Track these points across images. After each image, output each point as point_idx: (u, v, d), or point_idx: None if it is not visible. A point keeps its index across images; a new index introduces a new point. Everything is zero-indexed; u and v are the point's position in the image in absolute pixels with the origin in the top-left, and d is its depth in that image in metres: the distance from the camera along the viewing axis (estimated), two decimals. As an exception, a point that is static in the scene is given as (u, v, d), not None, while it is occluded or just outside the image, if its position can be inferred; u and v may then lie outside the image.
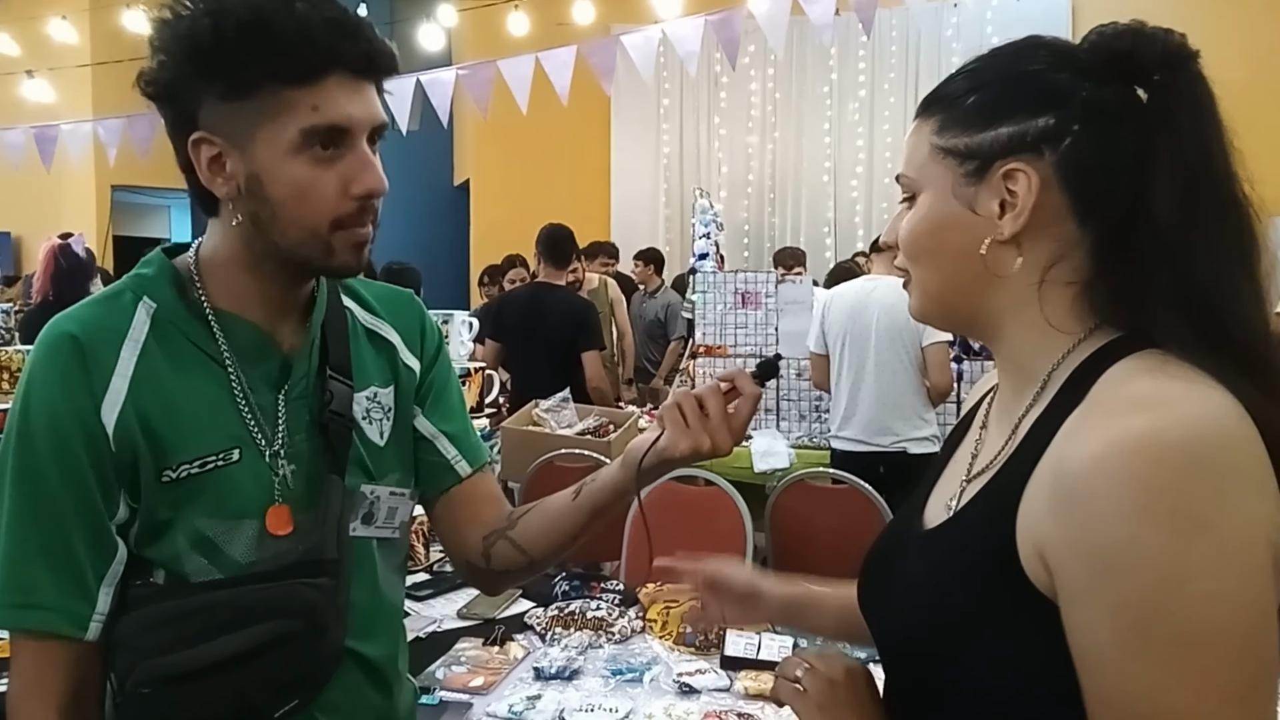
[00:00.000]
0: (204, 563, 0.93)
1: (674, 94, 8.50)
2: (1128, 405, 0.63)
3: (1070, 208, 0.71)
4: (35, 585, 0.88)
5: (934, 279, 0.77)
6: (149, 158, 5.68)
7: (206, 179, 0.91)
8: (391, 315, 1.11)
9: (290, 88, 0.86)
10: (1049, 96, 0.71)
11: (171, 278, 0.96)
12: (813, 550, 2.85)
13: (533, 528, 1.10)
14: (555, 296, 4.13)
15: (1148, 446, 0.60)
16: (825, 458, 3.66)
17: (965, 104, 0.74)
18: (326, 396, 0.99)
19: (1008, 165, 0.71)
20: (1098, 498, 0.60)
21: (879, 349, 3.47)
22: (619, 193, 8.61)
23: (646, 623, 2.15)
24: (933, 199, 0.75)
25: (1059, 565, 0.63)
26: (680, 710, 1.74)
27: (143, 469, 0.90)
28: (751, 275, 4.44)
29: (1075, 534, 0.62)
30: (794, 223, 8.30)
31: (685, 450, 0.98)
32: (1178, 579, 0.58)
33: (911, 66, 7.89)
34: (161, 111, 0.92)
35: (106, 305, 0.94)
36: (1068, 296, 0.72)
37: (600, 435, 3.61)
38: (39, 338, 0.92)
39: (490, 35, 6.56)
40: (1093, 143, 0.70)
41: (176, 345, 0.94)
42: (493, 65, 4.82)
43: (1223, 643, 0.59)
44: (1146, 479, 0.59)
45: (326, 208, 0.89)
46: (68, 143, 6.21)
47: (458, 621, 2.20)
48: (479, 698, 1.80)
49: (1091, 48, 0.72)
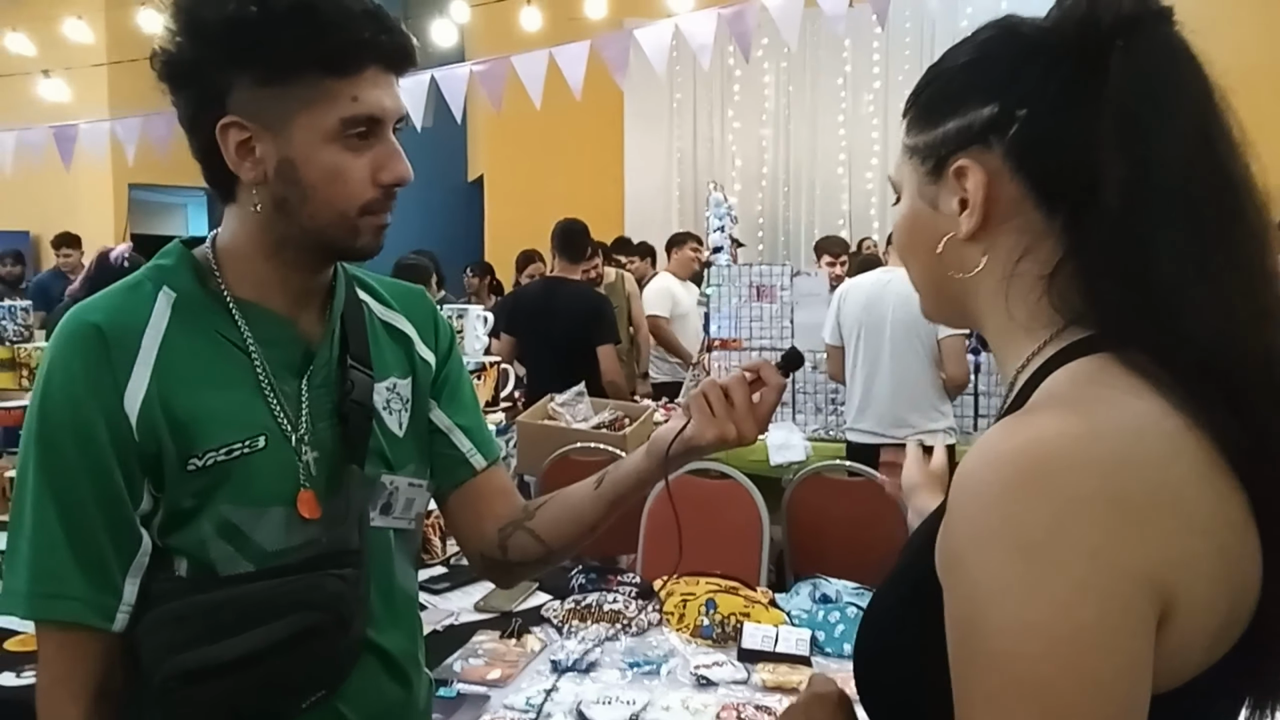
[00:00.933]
0: (231, 550, 0.93)
1: (687, 87, 8.48)
2: (1021, 417, 0.61)
3: (1030, 196, 0.66)
4: (63, 576, 0.88)
5: (918, 278, 0.76)
6: (166, 156, 5.71)
7: (234, 163, 0.91)
8: (406, 309, 1.12)
9: (332, 77, 0.88)
10: (992, 84, 0.67)
11: (191, 267, 0.97)
12: (829, 543, 2.85)
13: (552, 518, 1.10)
14: (570, 291, 4.13)
15: (1006, 463, 0.57)
16: (841, 450, 3.65)
17: (922, 100, 0.72)
18: (348, 385, 0.99)
19: (957, 161, 0.68)
20: (956, 509, 0.59)
21: (894, 341, 3.46)
22: (632, 187, 8.61)
23: (664, 615, 2.15)
24: (907, 199, 0.74)
25: (939, 568, 0.62)
26: (697, 703, 1.74)
27: (167, 458, 0.90)
28: (766, 268, 4.43)
29: (943, 542, 0.61)
30: (809, 215, 8.28)
31: (712, 438, 1.00)
32: (997, 598, 0.55)
33: (926, 57, 7.84)
34: (179, 94, 0.92)
35: (126, 295, 0.94)
36: (1036, 291, 0.67)
37: (616, 429, 3.62)
38: (59, 327, 0.92)
39: (503, 31, 6.56)
40: (1041, 126, 0.65)
41: (199, 333, 0.94)
42: (506, 61, 4.82)
43: (1031, 671, 0.54)
44: (993, 496, 0.56)
45: (356, 193, 0.92)
46: (85, 142, 6.24)
47: (475, 614, 2.21)
48: (496, 690, 1.81)
49: (1049, 21, 0.67)
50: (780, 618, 2.11)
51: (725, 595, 2.13)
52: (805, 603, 2.19)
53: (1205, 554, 0.57)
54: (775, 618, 2.09)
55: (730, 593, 2.15)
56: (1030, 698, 0.55)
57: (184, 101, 0.92)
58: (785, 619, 2.11)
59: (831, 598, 2.18)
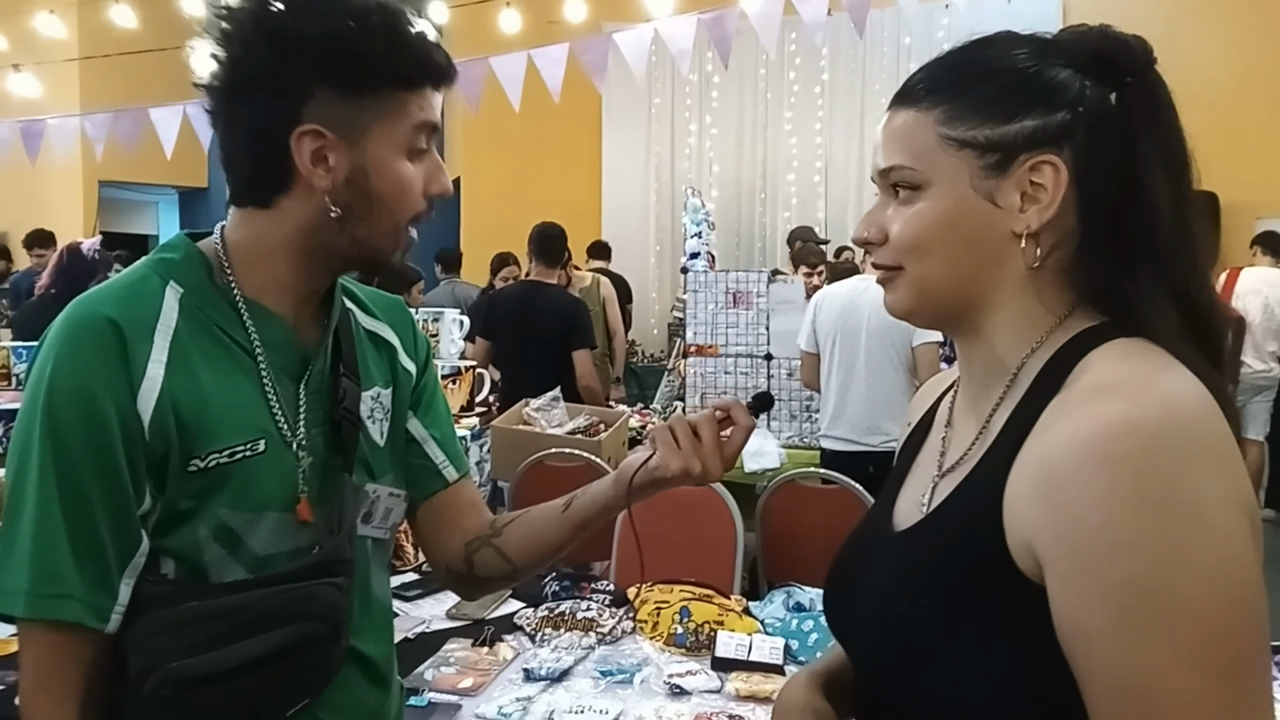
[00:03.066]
0: (224, 553, 0.92)
1: (665, 93, 8.49)
2: (1105, 390, 0.65)
3: (1075, 201, 0.72)
4: (63, 575, 0.85)
5: (938, 272, 0.75)
6: (136, 154, 5.64)
7: (307, 170, 0.92)
8: (389, 318, 1.13)
9: (407, 90, 0.93)
10: (1062, 93, 0.72)
11: (199, 263, 0.95)
12: (803, 550, 2.85)
13: (518, 537, 1.11)
14: (546, 295, 4.12)
15: (1128, 429, 0.61)
16: (816, 458, 3.66)
17: (977, 95, 0.73)
18: (340, 394, 1.00)
19: (1035, 158, 0.71)
20: (1082, 483, 0.61)
21: (869, 348, 3.47)
22: (610, 191, 8.60)
23: (637, 624, 2.14)
24: (947, 190, 0.73)
25: (1047, 552, 0.64)
26: (671, 712, 1.73)
27: (172, 458, 0.89)
28: (743, 275, 4.43)
29: (1061, 520, 0.62)
30: (785, 222, 8.29)
31: (676, 470, 1.01)
32: (1171, 561, 0.59)
33: (903, 67, 7.88)
34: (246, 101, 0.92)
35: (134, 289, 0.92)
36: (1058, 281, 0.74)
37: (591, 434, 3.60)
38: (65, 319, 0.89)
39: (482, 32, 6.53)
40: (1096, 140, 0.71)
41: (205, 331, 0.93)
42: (484, 62, 4.80)
43: (1217, 621, 0.59)
44: (1130, 462, 0.60)
45: (415, 204, 0.96)
46: (54, 138, 6.13)
47: (447, 622, 2.19)
48: (468, 699, 1.79)
49: (1082, 50, 0.73)
50: (754, 626, 2.10)
51: (699, 603, 2.12)
52: (779, 611, 2.19)
53: None
54: (749, 626, 2.09)
55: (704, 601, 2.15)
56: (1217, 646, 0.59)
57: (252, 108, 0.92)
58: (759, 627, 2.10)
59: (805, 606, 2.18)
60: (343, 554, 0.97)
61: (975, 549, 0.68)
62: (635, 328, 7.32)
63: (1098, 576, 0.61)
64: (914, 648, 0.71)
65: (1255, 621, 0.61)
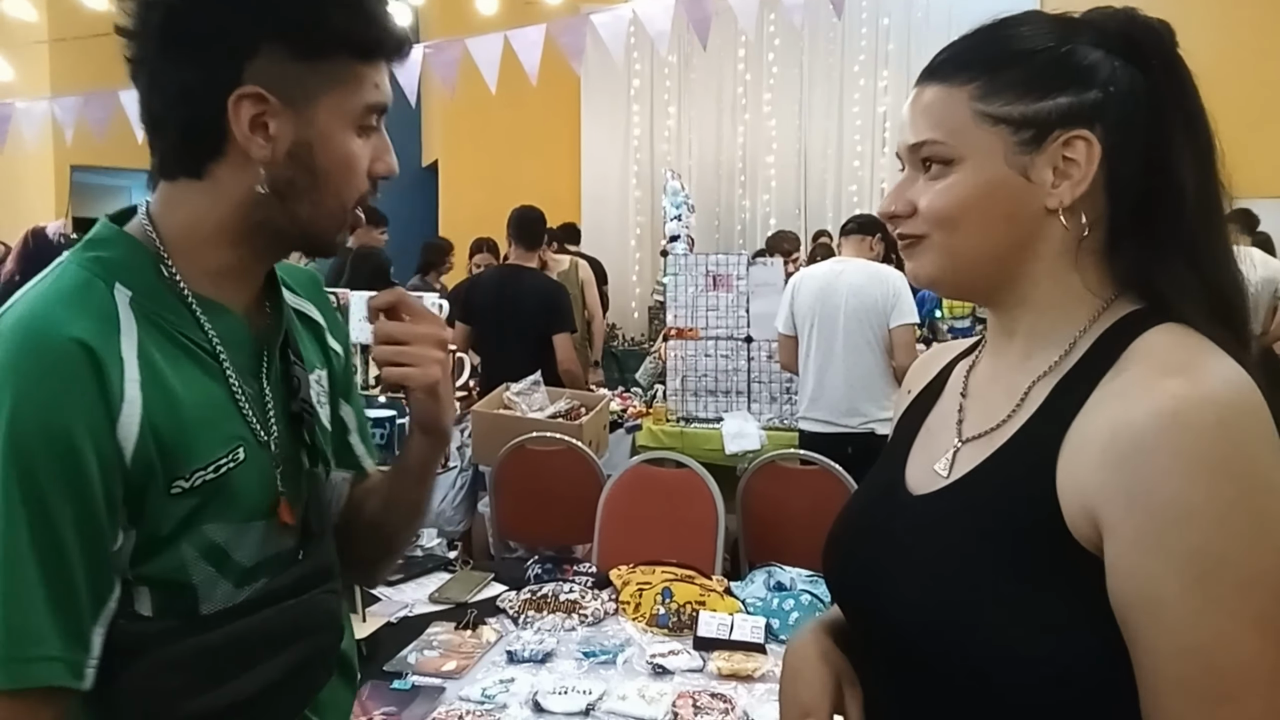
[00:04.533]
0: (212, 571, 0.85)
1: (644, 74, 8.44)
2: (1173, 369, 0.67)
3: (1104, 181, 0.74)
4: (39, 634, 0.75)
5: (973, 244, 0.76)
6: (108, 138, 5.55)
7: (244, 137, 0.82)
8: (311, 296, 1.06)
9: (360, 61, 0.86)
10: (1095, 72, 0.74)
11: (142, 257, 0.85)
12: (784, 531, 2.87)
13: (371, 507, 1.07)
14: (526, 279, 4.10)
15: (1209, 404, 0.64)
16: (795, 439, 3.68)
17: (1013, 72, 0.75)
18: (294, 383, 0.94)
19: (1069, 134, 0.73)
20: (1164, 453, 0.64)
21: (847, 331, 3.49)
22: (589, 174, 8.56)
23: (619, 605, 2.16)
24: (981, 165, 0.75)
25: (1114, 519, 0.66)
26: (653, 691, 1.75)
27: (154, 484, 0.80)
28: (723, 257, 4.43)
29: (1139, 487, 0.64)
30: (765, 205, 8.30)
31: None
32: (1250, 532, 0.62)
33: (881, 49, 7.89)
34: (183, 57, 0.82)
35: (82, 297, 0.81)
36: (1099, 265, 0.76)
37: (572, 418, 3.60)
38: (19, 343, 0.77)
39: (458, 13, 6.47)
40: (1126, 120, 0.73)
41: (164, 338, 0.83)
42: (460, 44, 4.75)
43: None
44: (1210, 435, 0.63)
45: (360, 184, 0.89)
46: (23, 122, 6.03)
47: (429, 606, 2.20)
48: (452, 682, 1.80)
49: (1112, 31, 0.75)
50: (735, 606, 2.12)
51: (681, 584, 2.14)
52: (760, 591, 2.21)
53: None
54: (730, 606, 2.11)
55: (686, 581, 2.17)
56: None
57: (188, 65, 0.82)
58: (740, 607, 2.12)
59: (786, 585, 2.20)
60: (330, 557, 0.94)
61: (1022, 514, 0.71)
62: (615, 311, 7.31)
63: (1172, 544, 0.63)
64: (954, 605, 0.72)
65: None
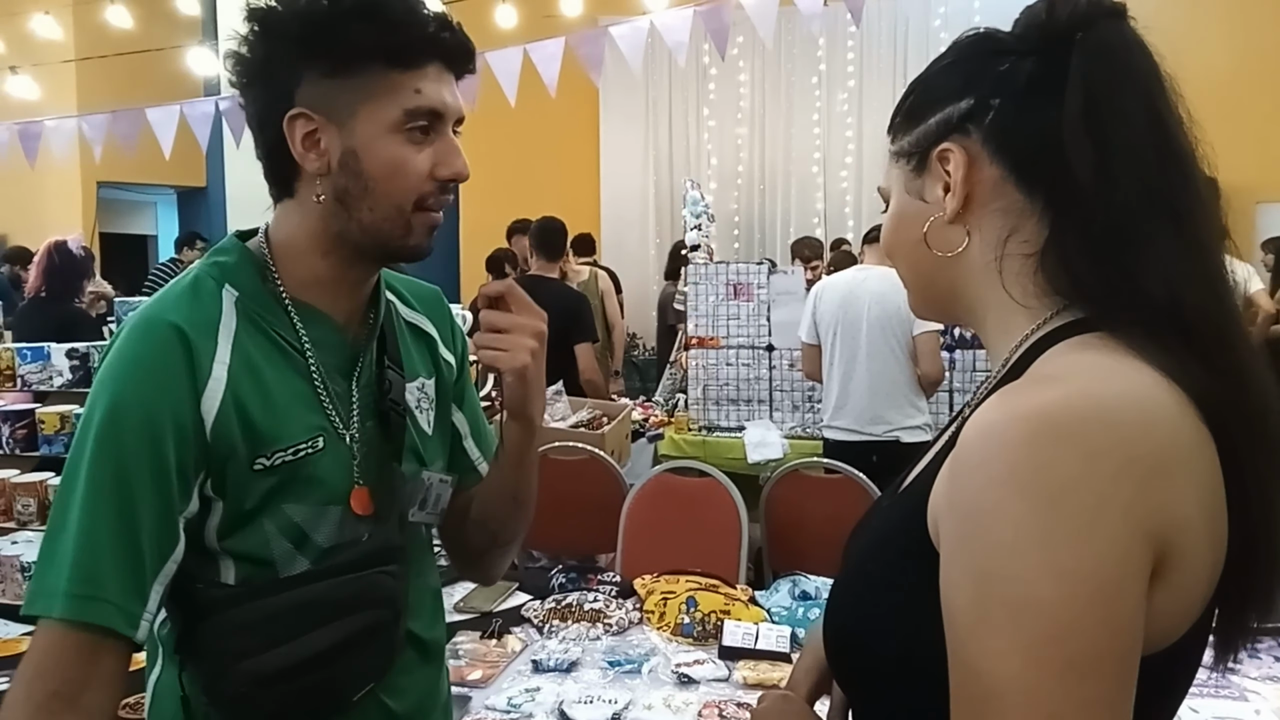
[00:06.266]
0: (291, 549, 0.95)
1: (662, 85, 8.47)
2: (1035, 381, 0.65)
3: (1010, 178, 0.71)
4: (102, 578, 0.85)
5: (907, 272, 0.81)
6: (134, 154, 5.63)
7: (299, 154, 0.93)
8: (428, 310, 1.16)
9: (396, 69, 0.92)
10: (968, 80, 0.73)
11: (251, 264, 0.98)
12: (807, 539, 2.86)
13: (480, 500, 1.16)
14: (548, 289, 4.12)
15: (1029, 417, 0.60)
16: (818, 448, 3.67)
17: (905, 108, 0.79)
18: (386, 385, 1.03)
19: (939, 148, 0.74)
20: (974, 462, 0.61)
21: (870, 338, 3.47)
22: (608, 185, 8.59)
23: (644, 614, 2.15)
24: (895, 199, 0.80)
25: (941, 526, 0.64)
26: (679, 701, 1.75)
27: (236, 459, 0.91)
28: (743, 266, 4.43)
29: (953, 496, 0.63)
30: (784, 214, 8.30)
31: None
32: (1021, 547, 0.58)
33: (900, 56, 7.88)
34: (250, 93, 0.95)
35: (194, 293, 0.94)
36: (1029, 269, 0.71)
37: (594, 428, 3.61)
38: (131, 325, 0.92)
39: (478, 27, 6.46)
40: (1013, 113, 0.71)
41: (261, 334, 0.95)
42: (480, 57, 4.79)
43: (1060, 616, 0.57)
44: (1016, 447, 0.59)
45: (414, 186, 0.94)
46: (52, 139, 6.13)
47: (455, 615, 2.20)
48: (478, 691, 1.81)
49: (1019, 26, 0.74)
50: (760, 615, 2.11)
51: (705, 593, 2.13)
52: (785, 599, 2.20)
53: (1203, 517, 0.61)
54: (755, 615, 2.10)
55: (710, 590, 2.16)
56: (1056, 642, 0.57)
57: (254, 99, 0.95)
58: (765, 616, 2.11)
59: (811, 594, 2.19)
60: (392, 541, 1.00)
61: (913, 526, 0.69)
62: (635, 321, 7.32)
63: (964, 555, 0.61)
64: (846, 612, 0.76)
65: (1118, 625, 0.58)
